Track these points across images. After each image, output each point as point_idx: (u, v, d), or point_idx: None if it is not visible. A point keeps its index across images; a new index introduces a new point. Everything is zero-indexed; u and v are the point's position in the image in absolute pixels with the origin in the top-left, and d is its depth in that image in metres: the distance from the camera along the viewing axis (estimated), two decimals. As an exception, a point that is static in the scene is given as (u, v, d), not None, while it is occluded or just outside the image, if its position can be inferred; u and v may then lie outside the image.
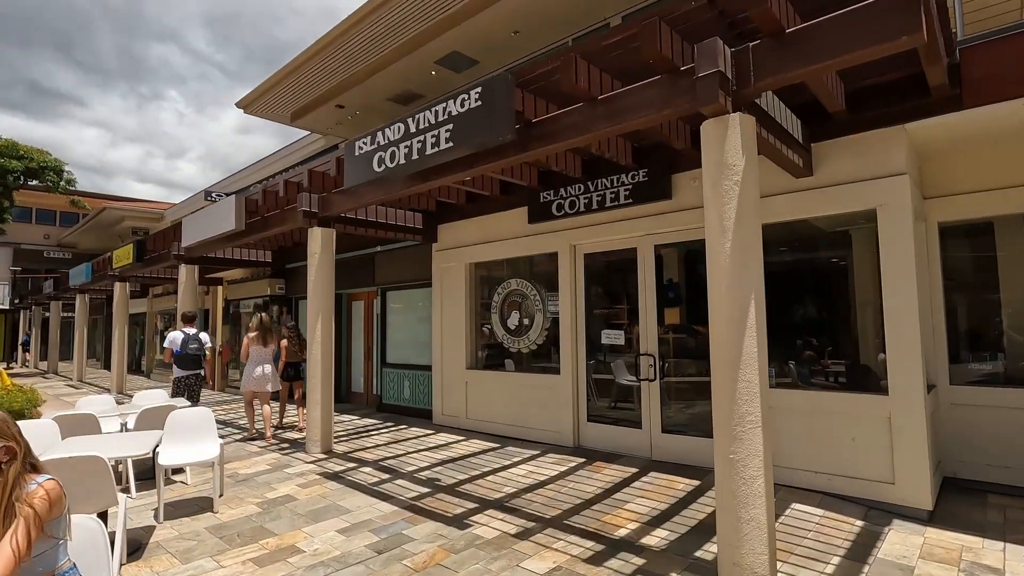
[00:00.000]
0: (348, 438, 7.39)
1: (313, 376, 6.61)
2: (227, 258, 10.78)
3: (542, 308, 7.07)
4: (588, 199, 6.31)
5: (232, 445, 7.17)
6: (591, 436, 6.41)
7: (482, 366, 7.82)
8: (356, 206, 6.31)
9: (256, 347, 7.34)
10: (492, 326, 7.67)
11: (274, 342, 7.53)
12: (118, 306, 13.29)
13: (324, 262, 6.72)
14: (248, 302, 12.44)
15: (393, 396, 9.22)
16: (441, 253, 8.21)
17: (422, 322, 8.87)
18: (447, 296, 8.12)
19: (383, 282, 9.47)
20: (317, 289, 6.68)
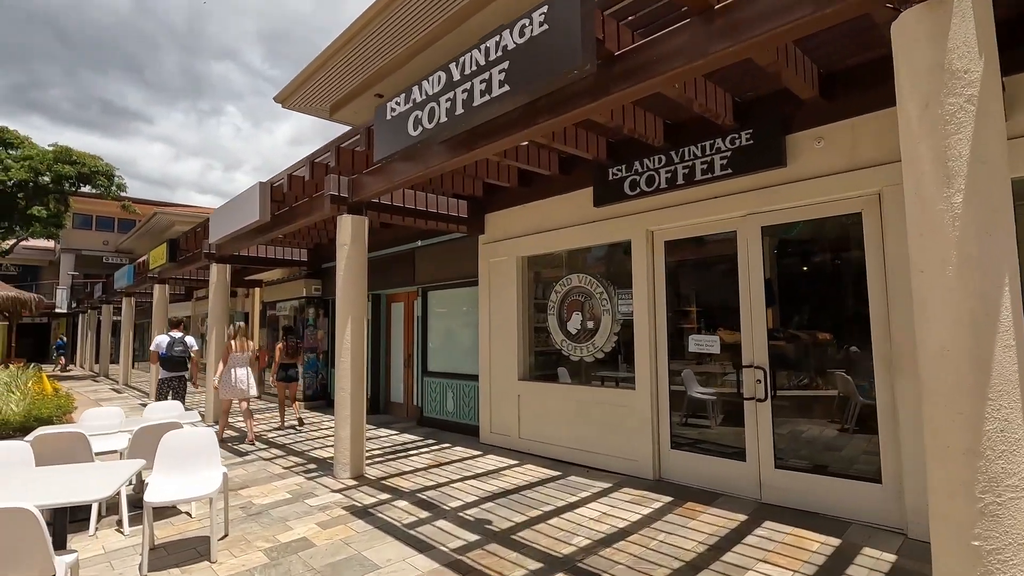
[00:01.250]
0: (383, 458, 6.40)
1: (342, 389, 5.65)
2: (259, 256, 10.10)
3: (610, 309, 5.88)
4: (671, 173, 5.10)
5: (256, 464, 6.32)
6: (676, 467, 5.16)
7: (537, 377, 6.69)
8: (390, 187, 5.32)
9: (234, 353, 7.50)
10: (549, 330, 6.53)
11: (249, 348, 7.68)
12: (157, 309, 12.91)
13: (355, 255, 5.76)
14: (285, 304, 11.78)
15: (435, 409, 8.21)
16: (489, 246, 7.15)
17: (467, 326, 7.83)
18: (496, 296, 7.05)
19: (424, 281, 8.49)
20: (347, 286, 5.72)
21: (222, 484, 3.89)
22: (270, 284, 12.50)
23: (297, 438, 7.77)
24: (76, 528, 4.33)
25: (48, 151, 18.95)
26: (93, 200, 28.02)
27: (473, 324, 7.61)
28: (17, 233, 20.90)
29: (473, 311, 7.62)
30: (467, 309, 7.84)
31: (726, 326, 5.02)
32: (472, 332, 7.64)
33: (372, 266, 9.29)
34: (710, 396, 5.18)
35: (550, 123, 3.65)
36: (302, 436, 7.87)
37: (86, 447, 4.33)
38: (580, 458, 5.86)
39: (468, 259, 7.62)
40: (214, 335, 9.38)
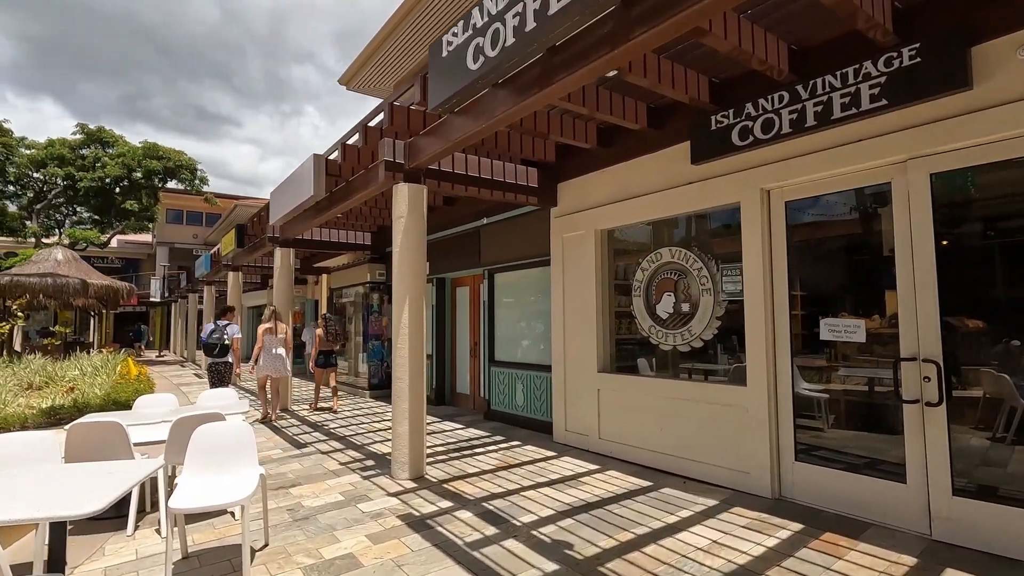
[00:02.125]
0: (446, 457, 5.75)
1: (399, 379, 5.03)
2: (322, 240, 9.80)
3: (711, 288, 4.87)
4: (797, 113, 4.01)
5: (313, 457, 5.87)
6: (803, 484, 4.12)
7: (620, 369, 5.79)
8: (448, 147, 4.58)
9: (269, 336, 7.99)
10: (633, 315, 5.60)
11: (283, 331, 8.15)
12: (231, 296, 13.08)
13: (413, 227, 5.10)
14: (350, 291, 11.51)
15: (503, 402, 7.50)
16: (562, 220, 6.29)
17: (538, 310, 7.03)
18: (571, 276, 6.19)
19: (490, 261, 7.77)
20: (404, 262, 5.08)
21: (256, 488, 3.32)
22: (336, 270, 12.30)
23: (358, 429, 7.33)
24: (117, 526, 3.97)
25: (138, 147, 20.14)
26: (182, 196, 29.73)
27: (544, 309, 6.80)
28: (114, 226, 22.42)
29: (544, 294, 6.81)
30: (538, 292, 7.04)
31: (864, 308, 3.90)
32: (543, 318, 6.84)
33: (435, 248, 8.71)
34: (818, 394, 4.09)
35: (650, 34, 2.74)
36: (363, 429, 7.41)
37: (123, 438, 3.93)
38: (674, 466, 4.92)
39: (538, 235, 6.80)
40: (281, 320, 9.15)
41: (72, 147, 20.45)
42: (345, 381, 11.42)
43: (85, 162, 20.25)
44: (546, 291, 6.73)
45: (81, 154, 20.41)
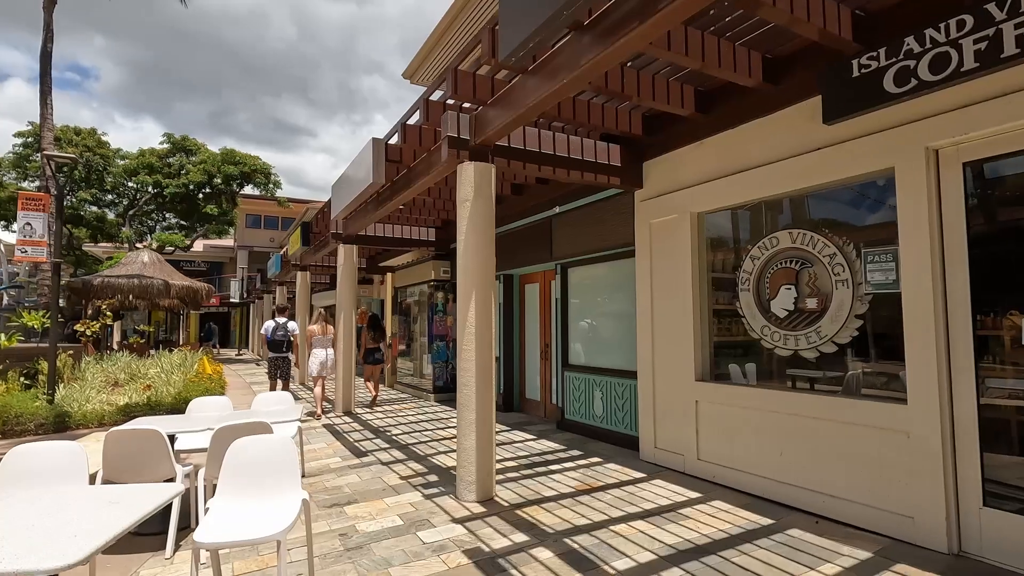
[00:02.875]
0: (518, 474, 5.06)
1: (465, 385, 4.39)
2: (385, 236, 9.42)
3: (848, 278, 3.89)
4: (988, 40, 2.99)
5: (373, 469, 5.36)
6: (996, 538, 3.07)
7: (723, 377, 4.87)
8: (520, 114, 3.89)
9: (318, 338, 8.38)
10: (740, 313, 4.67)
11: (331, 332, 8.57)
12: (300, 296, 13.11)
13: (480, 212, 4.45)
14: (414, 289, 11.12)
15: (579, 411, 6.72)
16: (649, 203, 5.45)
17: (619, 308, 6.20)
18: (660, 268, 5.33)
19: (563, 255, 7.02)
20: (470, 251, 4.43)
21: (297, 518, 2.75)
22: (400, 269, 11.97)
23: (421, 436, 6.79)
24: (159, 544, 3.55)
25: (217, 154, 21.08)
26: (260, 201, 31.04)
27: (627, 307, 5.97)
28: (197, 230, 23.62)
29: (627, 290, 5.98)
30: (619, 287, 6.21)
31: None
32: (626, 317, 6.01)
33: (502, 242, 8.06)
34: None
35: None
36: (427, 436, 6.87)
37: (162, 447, 3.52)
38: (801, 500, 3.97)
39: (620, 223, 5.98)
40: (342, 320, 8.85)
41: (160, 156, 21.70)
42: (409, 383, 11.04)
43: (171, 169, 21.41)
44: (629, 286, 5.90)
45: (168, 162, 21.61)
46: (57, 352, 11.08)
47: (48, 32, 14.07)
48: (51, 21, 14.27)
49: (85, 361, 12.58)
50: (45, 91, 13.78)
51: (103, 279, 14.36)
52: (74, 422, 8.05)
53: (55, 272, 8.48)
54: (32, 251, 8.33)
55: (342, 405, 8.63)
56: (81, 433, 7.82)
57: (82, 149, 20.35)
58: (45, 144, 13.80)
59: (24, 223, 8.31)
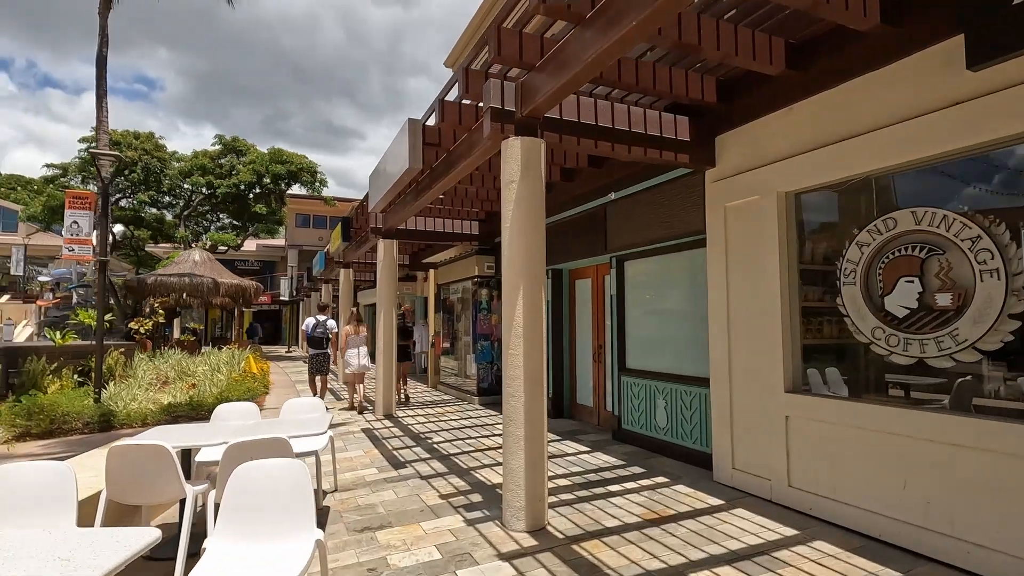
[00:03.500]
0: (573, 496, 4.42)
1: (511, 395, 3.78)
2: (425, 230, 8.95)
3: (1000, 268, 3.04)
4: None
5: (410, 483, 4.85)
6: None
7: (820, 389, 4.07)
8: (574, 75, 3.25)
9: (352, 337, 8.63)
10: (844, 311, 3.86)
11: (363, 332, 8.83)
12: (343, 293, 12.89)
13: (528, 196, 3.83)
14: (457, 286, 10.63)
15: (638, 420, 6.01)
16: (724, 184, 4.68)
17: (686, 305, 5.46)
18: (737, 258, 4.57)
19: (620, 247, 6.31)
20: (516, 241, 3.83)
21: (308, 564, 2.23)
22: (443, 265, 11.52)
23: (465, 445, 6.26)
24: (164, 570, 3.13)
25: (265, 153, 21.42)
26: (308, 201, 31.54)
27: (695, 304, 5.23)
28: (248, 230, 24.14)
29: (695, 284, 5.23)
30: (685, 282, 5.46)
31: None
32: (693, 315, 5.26)
33: (550, 235, 7.41)
34: None
35: None
36: (470, 445, 6.32)
37: (169, 465, 3.09)
38: (936, 548, 3.16)
39: (686, 208, 5.24)
40: (382, 318, 8.45)
41: (212, 157, 22.24)
42: (452, 384, 10.58)
43: (222, 170, 21.90)
44: (697, 280, 5.15)
45: (219, 163, 22.11)
46: (108, 350, 11.26)
47: (103, 37, 14.39)
48: (106, 26, 14.58)
49: (138, 358, 12.80)
50: (101, 94, 14.09)
51: (156, 278, 14.63)
52: (118, 421, 7.98)
53: (101, 270, 8.45)
54: (79, 249, 8.33)
55: (382, 408, 8.23)
56: (124, 433, 7.72)
57: (140, 152, 21.04)
58: (101, 146, 14.14)
59: (71, 221, 8.32)
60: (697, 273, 5.19)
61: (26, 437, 7.47)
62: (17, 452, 6.90)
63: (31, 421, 7.52)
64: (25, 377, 9.70)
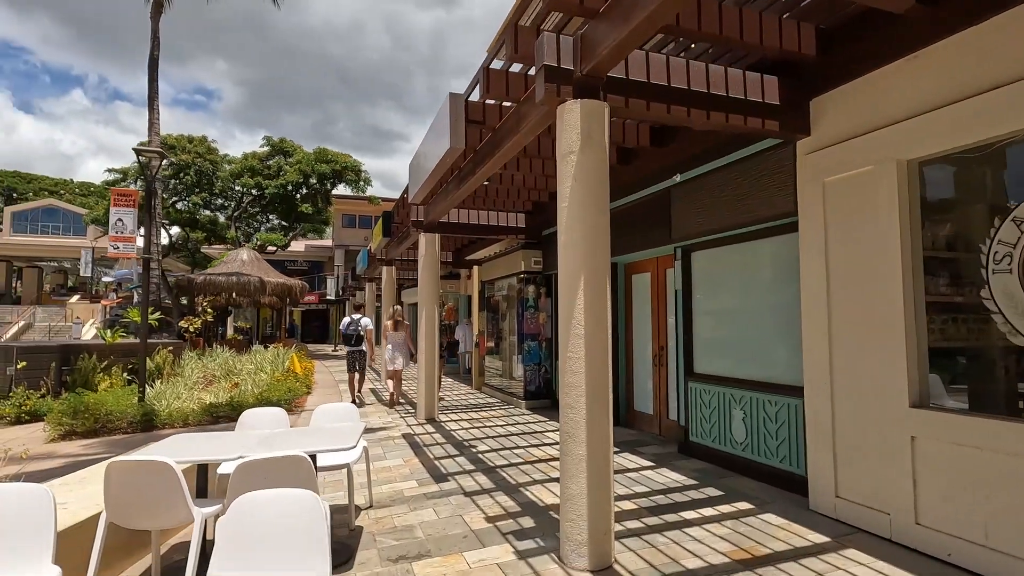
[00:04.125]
0: (641, 524, 3.77)
1: (570, 407, 3.17)
2: (468, 223, 8.44)
3: None
4: None
5: (453, 500, 4.32)
6: None
7: (959, 404, 3.26)
8: (644, 20, 2.61)
9: (392, 334, 8.98)
10: (994, 306, 3.04)
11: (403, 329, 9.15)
12: (385, 291, 12.59)
13: (589, 168, 3.22)
14: (502, 283, 10.08)
15: (709, 433, 5.27)
16: (822, 155, 3.91)
17: (770, 301, 4.69)
18: (841, 243, 3.79)
19: (686, 235, 5.59)
20: (576, 223, 3.22)
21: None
22: (487, 261, 11.00)
23: (512, 456, 5.69)
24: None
25: (310, 153, 21.61)
26: (354, 201, 31.85)
27: (781, 298, 4.47)
28: (295, 229, 24.48)
29: (782, 276, 4.47)
30: (768, 273, 4.70)
31: None
32: (780, 311, 4.50)
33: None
34: None
35: None
36: (518, 456, 5.75)
37: (174, 486, 2.65)
38: None
39: (771, 187, 4.49)
40: (424, 317, 7.99)
41: (260, 158, 22.63)
42: (497, 386, 10.04)
43: (270, 171, 22.23)
44: (784, 271, 4.40)
45: (267, 164, 22.47)
46: (156, 349, 11.33)
47: (155, 40, 14.70)
48: (157, 30, 14.90)
49: (187, 356, 12.92)
50: (152, 96, 14.39)
51: (205, 277, 14.79)
52: (160, 421, 7.86)
53: (145, 269, 8.37)
54: (123, 247, 8.27)
55: (424, 411, 7.77)
56: (164, 433, 7.57)
57: (194, 155, 21.60)
58: (152, 147, 14.38)
59: (116, 219, 8.27)
60: (784, 262, 4.43)
61: (72, 436, 7.44)
62: (59, 452, 6.85)
63: (76, 420, 7.48)
64: (77, 375, 9.83)
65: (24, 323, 27.81)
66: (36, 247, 35.76)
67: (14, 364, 9.34)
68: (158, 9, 15.05)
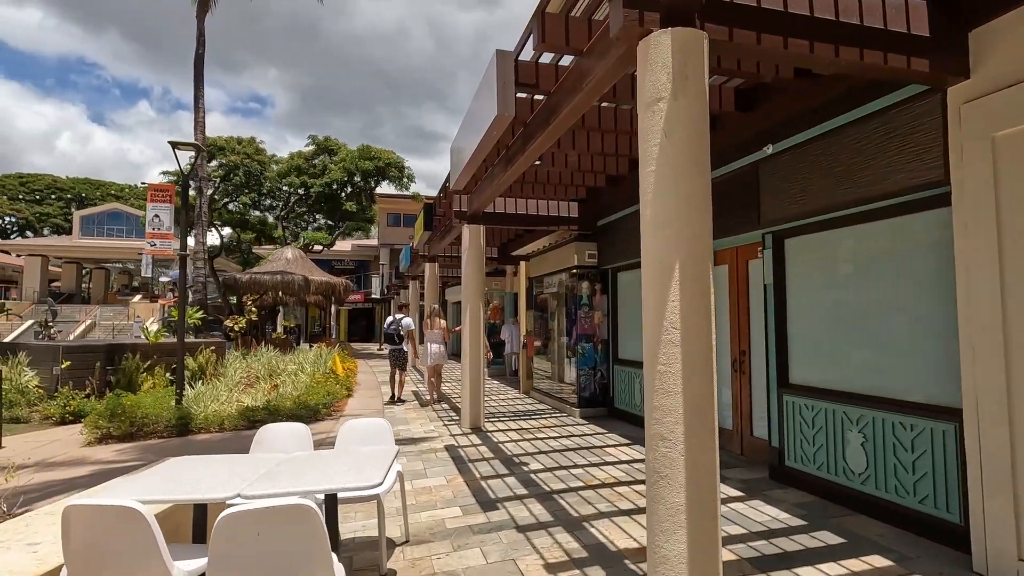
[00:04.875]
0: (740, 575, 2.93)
1: (663, 438, 2.36)
2: (515, 214, 7.70)
3: None
4: None
5: (503, 537, 3.60)
6: None
7: None
8: None
9: (429, 332, 9.10)
10: None
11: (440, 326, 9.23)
12: (428, 289, 12.04)
13: (686, 117, 2.41)
14: (552, 279, 9.29)
15: (814, 458, 4.32)
16: (987, 104, 2.94)
17: (902, 296, 3.72)
18: (1019, 219, 2.82)
19: (780, 218, 4.65)
20: (664, 190, 2.41)
21: None
22: (535, 256, 10.23)
23: (569, 478, 4.92)
24: None
25: (354, 151, 21.48)
26: (398, 200, 31.76)
27: (919, 291, 3.50)
28: (339, 228, 24.48)
29: (919, 264, 3.51)
30: (899, 260, 3.73)
31: None
32: (916, 309, 3.54)
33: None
34: None
35: None
36: (577, 478, 4.96)
37: (146, 538, 2.02)
38: None
39: (905, 151, 3.52)
40: (468, 315, 7.32)
41: (306, 157, 22.70)
42: (547, 390, 9.27)
43: (315, 170, 22.25)
44: (924, 258, 3.44)
45: (312, 163, 22.51)
46: (199, 348, 11.16)
47: (200, 38, 14.71)
48: (203, 29, 14.91)
49: (232, 356, 12.78)
50: (198, 95, 14.38)
51: (250, 275, 14.70)
52: (195, 425, 7.51)
53: (182, 266, 8.07)
54: (160, 244, 8.00)
55: (469, 420, 7.10)
56: (200, 439, 7.21)
57: (242, 156, 21.85)
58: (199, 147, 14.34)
59: (153, 215, 8.01)
60: (922, 246, 3.47)
61: (107, 440, 7.18)
62: (91, 458, 6.57)
63: (112, 423, 7.22)
64: (120, 375, 9.71)
65: (90, 322, 29.11)
66: (103, 249, 37.54)
67: (60, 364, 9.29)
68: (204, 8, 15.07)
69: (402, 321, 9.49)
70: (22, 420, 8.59)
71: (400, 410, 8.75)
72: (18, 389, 9.03)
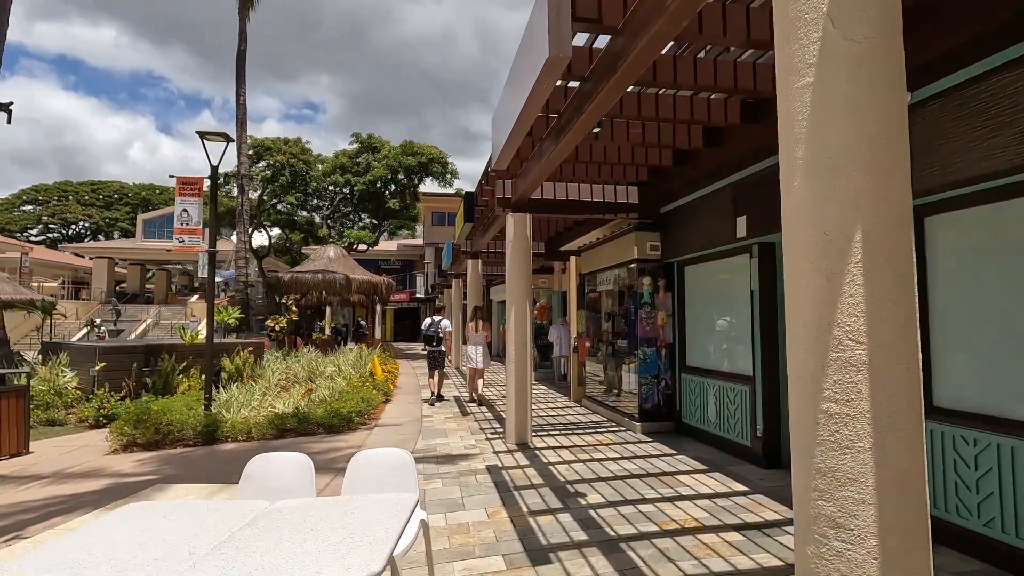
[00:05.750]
0: None
1: (843, 527, 1.43)
2: (565, 200, 6.78)
3: None
4: None
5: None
6: None
7: None
8: None
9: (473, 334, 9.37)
10: None
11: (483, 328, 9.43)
12: (471, 287, 11.29)
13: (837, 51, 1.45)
14: (607, 275, 8.32)
15: (972, 508, 3.23)
16: None
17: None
18: None
19: (918, 191, 3.55)
20: (825, 125, 1.47)
21: None
22: (587, 250, 9.28)
23: (641, 523, 3.98)
24: None
25: (396, 147, 21.10)
26: (442, 199, 31.37)
27: None
28: (383, 226, 24.22)
29: None
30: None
31: None
32: None
33: (745, 190, 4.89)
34: None
35: None
36: (647, 517, 4.01)
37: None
38: None
39: None
40: (513, 314, 6.48)
41: (350, 156, 22.52)
42: (601, 399, 8.32)
43: (359, 168, 22.03)
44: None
45: (356, 161, 22.31)
46: (236, 349, 10.81)
47: (242, 35, 14.54)
48: (245, 26, 14.75)
49: (271, 357, 12.44)
50: (240, 92, 14.21)
51: (292, 275, 14.42)
52: (222, 433, 7.00)
53: (210, 263, 7.61)
54: (188, 240, 7.58)
55: (515, 435, 6.26)
56: (226, 448, 6.69)
57: (288, 156, 21.88)
58: (240, 144, 14.18)
59: (181, 209, 7.60)
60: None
61: (133, 447, 6.76)
62: (109, 468, 6.14)
63: (137, 430, 6.81)
64: (156, 377, 9.44)
65: (150, 320, 30.15)
66: (163, 251, 39.08)
67: (96, 365, 9.08)
68: (246, 6, 14.92)
69: (440, 323, 9.71)
70: (58, 423, 8.40)
71: (440, 419, 8.01)
72: (56, 391, 8.86)
